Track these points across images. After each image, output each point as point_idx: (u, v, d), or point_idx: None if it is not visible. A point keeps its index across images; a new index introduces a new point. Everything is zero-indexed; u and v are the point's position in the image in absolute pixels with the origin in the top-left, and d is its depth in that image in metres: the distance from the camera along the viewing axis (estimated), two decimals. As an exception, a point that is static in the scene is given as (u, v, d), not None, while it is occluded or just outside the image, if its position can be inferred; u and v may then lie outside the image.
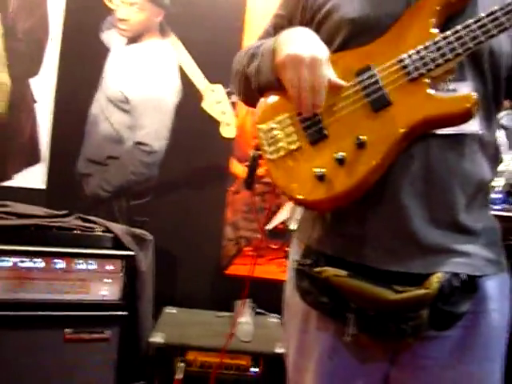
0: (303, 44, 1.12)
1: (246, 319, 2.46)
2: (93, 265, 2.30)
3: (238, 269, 2.98)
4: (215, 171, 3.04)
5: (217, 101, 3.01)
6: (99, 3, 2.99)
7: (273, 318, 2.73)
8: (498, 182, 1.96)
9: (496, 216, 1.27)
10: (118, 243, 2.39)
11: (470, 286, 1.14)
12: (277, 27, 1.34)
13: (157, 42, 3.01)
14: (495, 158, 1.22)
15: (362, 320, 1.15)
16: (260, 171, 1.32)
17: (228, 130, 3.02)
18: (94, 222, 2.48)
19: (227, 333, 2.21)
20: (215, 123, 3.02)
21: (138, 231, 2.49)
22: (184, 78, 3.01)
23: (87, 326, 2.30)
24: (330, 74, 1.13)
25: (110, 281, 2.32)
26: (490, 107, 1.19)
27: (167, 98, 3.01)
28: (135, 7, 3.01)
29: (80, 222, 2.46)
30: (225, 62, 1.72)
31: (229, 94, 3.01)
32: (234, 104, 3.03)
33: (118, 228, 2.44)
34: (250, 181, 1.30)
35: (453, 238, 1.15)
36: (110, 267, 2.33)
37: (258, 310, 2.77)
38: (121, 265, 2.34)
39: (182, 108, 3.02)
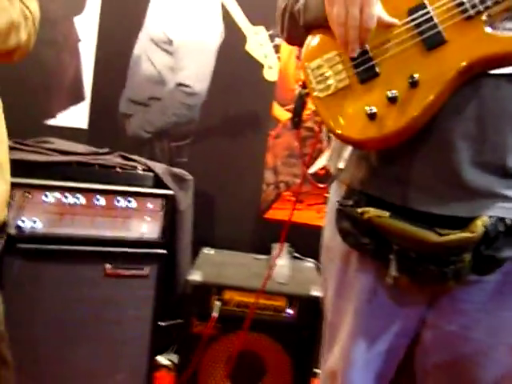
0: None
1: (283, 262, 2.48)
2: (133, 203, 2.32)
3: (276, 213, 2.99)
4: (256, 114, 3.02)
5: (260, 43, 2.98)
6: None
7: (309, 263, 2.74)
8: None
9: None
10: (158, 182, 2.40)
11: (513, 232, 1.13)
12: None
13: (201, -19, 2.97)
14: None
15: (404, 262, 1.15)
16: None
17: (270, 73, 2.99)
18: (135, 161, 2.50)
19: (264, 274, 2.22)
20: (258, 66, 2.99)
21: (178, 171, 2.50)
22: (227, 19, 2.97)
23: (127, 263, 2.34)
24: (380, 11, 1.10)
25: (149, 219, 2.35)
26: None
27: (210, 39, 2.98)
28: None
29: (121, 160, 2.48)
30: (267, 3, 1.68)
31: (271, 36, 2.96)
32: (276, 47, 2.98)
33: (159, 167, 2.45)
34: (297, 119, 1.29)
35: (500, 183, 1.12)
36: (150, 205, 2.35)
37: (295, 255, 2.78)
38: (161, 203, 2.36)
39: (224, 50, 2.99)
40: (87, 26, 2.95)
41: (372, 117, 1.09)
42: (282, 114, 2.98)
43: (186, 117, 2.99)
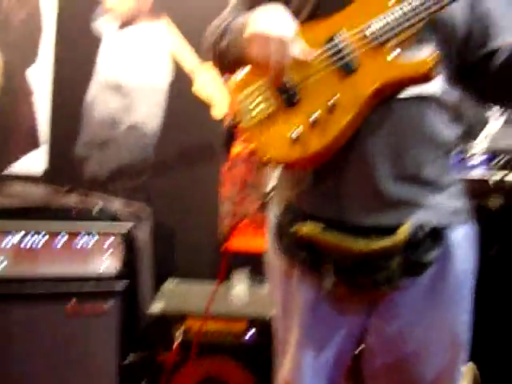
0: (271, 23, 1.19)
1: (241, 287, 2.54)
2: (92, 240, 2.38)
3: (236, 241, 3.05)
4: (210, 149, 3.10)
5: (208, 80, 3.06)
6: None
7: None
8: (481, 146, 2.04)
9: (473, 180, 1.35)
10: (116, 218, 2.47)
11: (436, 236, 1.24)
12: None
13: (149, 24, 3.07)
14: (457, 118, 1.30)
15: (339, 271, 1.24)
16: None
17: (219, 110, 3.07)
18: (93, 198, 2.55)
19: (225, 301, 2.28)
20: (207, 103, 3.08)
21: (136, 206, 2.56)
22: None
23: (88, 300, 2.38)
24: (298, 47, 1.20)
25: (109, 255, 2.41)
26: (450, 68, 1.27)
27: (160, 80, 3.08)
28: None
29: (80, 197, 2.54)
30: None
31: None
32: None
33: (117, 203, 2.51)
34: (226, 150, 1.37)
35: (419, 192, 1.24)
36: (109, 241, 2.41)
37: (255, 280, 2.83)
38: (120, 239, 2.43)
39: (174, 89, 3.09)
40: (41, 76, 3.02)
41: (296, 140, 1.20)
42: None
43: (140, 156, 3.06)
